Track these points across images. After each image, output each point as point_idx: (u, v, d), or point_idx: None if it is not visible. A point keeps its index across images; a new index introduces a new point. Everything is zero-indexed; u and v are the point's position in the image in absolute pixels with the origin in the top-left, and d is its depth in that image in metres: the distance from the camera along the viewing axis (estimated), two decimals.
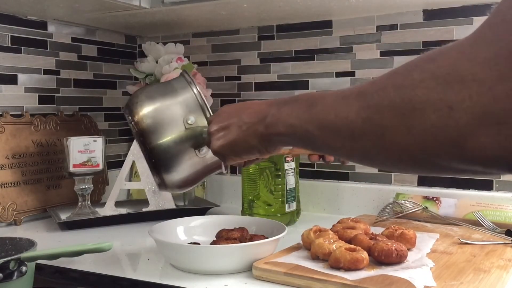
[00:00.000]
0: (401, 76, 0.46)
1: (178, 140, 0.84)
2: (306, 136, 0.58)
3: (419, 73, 0.44)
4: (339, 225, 1.01)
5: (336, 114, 0.52)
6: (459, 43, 0.43)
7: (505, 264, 0.86)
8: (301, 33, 1.43)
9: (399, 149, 0.46)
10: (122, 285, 0.86)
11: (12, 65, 1.31)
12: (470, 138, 0.40)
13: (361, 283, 0.75)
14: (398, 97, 0.45)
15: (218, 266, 0.86)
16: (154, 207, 1.29)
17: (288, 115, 0.61)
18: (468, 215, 1.13)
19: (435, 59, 0.43)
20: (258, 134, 0.68)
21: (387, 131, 0.46)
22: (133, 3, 1.21)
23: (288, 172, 1.21)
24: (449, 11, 1.25)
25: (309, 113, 0.57)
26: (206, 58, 1.58)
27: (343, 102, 0.52)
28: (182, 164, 0.85)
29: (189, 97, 0.87)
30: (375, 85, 0.49)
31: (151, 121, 0.84)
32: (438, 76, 0.42)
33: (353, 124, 0.50)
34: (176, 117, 0.85)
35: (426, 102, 0.42)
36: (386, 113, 0.46)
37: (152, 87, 0.92)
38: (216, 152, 0.75)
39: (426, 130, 0.43)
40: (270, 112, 0.65)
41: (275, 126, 0.64)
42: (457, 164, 0.43)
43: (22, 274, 0.68)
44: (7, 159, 1.26)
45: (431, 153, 0.44)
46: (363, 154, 0.52)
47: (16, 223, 1.26)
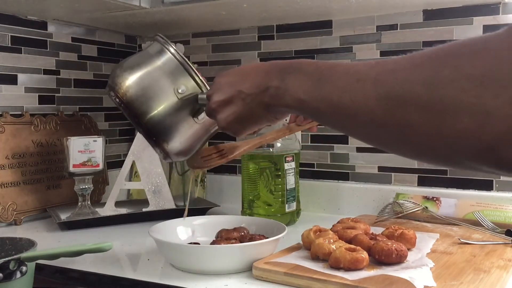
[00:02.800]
0: (428, 71, 0.43)
1: (173, 111, 0.81)
2: (317, 113, 0.55)
3: (450, 70, 0.41)
4: (339, 225, 1.01)
5: (352, 99, 0.49)
6: (493, 40, 0.40)
7: (505, 264, 0.86)
8: (301, 33, 1.43)
9: (425, 146, 0.44)
10: (122, 285, 0.86)
11: (12, 65, 1.31)
12: (506, 147, 0.39)
13: (361, 283, 0.75)
14: (426, 95, 0.42)
15: (218, 266, 0.86)
16: (154, 207, 1.29)
17: (296, 88, 0.58)
18: (468, 215, 1.13)
19: (466, 56, 0.41)
20: (264, 104, 0.65)
21: (412, 127, 0.44)
22: (133, 3, 1.21)
23: (288, 172, 1.21)
24: (449, 11, 1.25)
25: (320, 91, 0.54)
26: (206, 58, 1.58)
27: (358, 86, 0.49)
28: (182, 134, 0.82)
29: (168, 59, 0.83)
30: (397, 75, 0.46)
31: (135, 92, 0.80)
32: (472, 76, 0.39)
33: (373, 113, 0.47)
34: (164, 85, 0.81)
35: (459, 104, 0.40)
36: (411, 108, 0.43)
37: (128, 59, 0.86)
38: (225, 128, 0.72)
39: (458, 132, 0.41)
40: (272, 83, 0.62)
41: (282, 98, 0.60)
42: (488, 168, 0.42)
43: (22, 274, 0.68)
44: (7, 159, 1.26)
45: (462, 155, 0.42)
46: (382, 143, 0.50)
47: (16, 223, 1.26)
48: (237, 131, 0.72)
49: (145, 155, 1.30)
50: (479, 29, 1.22)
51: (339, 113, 0.52)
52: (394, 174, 1.33)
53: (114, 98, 0.83)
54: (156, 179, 1.30)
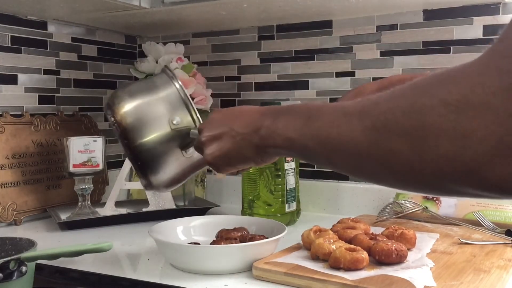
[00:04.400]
0: (409, 100, 0.45)
1: (164, 141, 0.82)
2: (306, 151, 0.57)
3: (428, 98, 0.42)
4: (339, 225, 1.01)
5: (339, 132, 0.51)
6: (466, 67, 0.42)
7: (505, 264, 0.86)
8: (301, 33, 1.43)
9: (410, 173, 0.45)
10: (122, 285, 0.86)
11: (12, 65, 1.31)
12: (486, 168, 0.40)
13: (361, 283, 0.75)
14: (407, 123, 0.44)
15: (218, 266, 0.86)
16: (154, 207, 1.29)
17: (285, 128, 0.60)
18: (468, 215, 1.13)
19: (443, 84, 0.42)
20: (253, 145, 0.66)
21: (395, 155, 0.45)
22: (133, 3, 1.21)
23: (288, 172, 1.21)
24: (449, 11, 1.25)
25: (308, 128, 0.55)
26: (206, 58, 1.58)
27: (345, 120, 0.51)
28: (168, 165, 0.82)
29: (172, 93, 0.84)
30: (380, 106, 0.47)
31: (133, 119, 0.81)
32: (449, 102, 0.41)
33: (359, 146, 0.49)
34: (160, 115, 0.82)
35: (438, 129, 0.41)
36: (394, 137, 0.45)
37: (133, 84, 0.88)
38: (210, 163, 0.73)
39: (440, 157, 0.42)
40: (264, 123, 0.64)
41: (271, 139, 0.62)
42: (473, 191, 0.43)
43: (22, 274, 0.68)
44: (7, 159, 1.26)
45: (445, 180, 0.43)
46: (369, 174, 0.51)
47: (16, 223, 1.26)
48: (221, 167, 0.73)
49: None
50: (479, 29, 1.22)
51: (326, 148, 0.53)
52: None
53: (110, 117, 0.83)
54: None
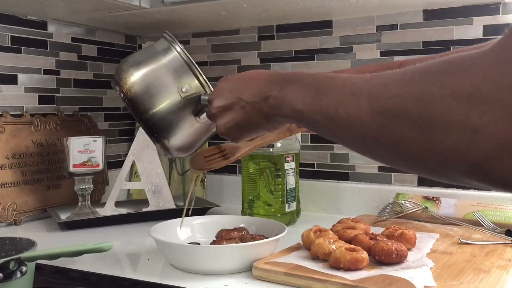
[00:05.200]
0: (418, 86, 0.44)
1: (175, 109, 0.82)
2: (314, 124, 0.57)
3: (438, 88, 0.42)
4: (339, 225, 1.01)
5: (347, 112, 0.51)
6: (479, 58, 0.41)
7: (505, 264, 0.86)
8: (301, 33, 1.43)
9: (416, 159, 0.45)
10: (122, 285, 0.86)
11: (12, 65, 1.31)
12: (493, 164, 0.40)
13: (361, 283, 0.75)
14: (416, 111, 0.43)
15: (218, 266, 0.86)
16: (154, 207, 1.29)
17: (293, 99, 0.59)
18: (468, 215, 1.13)
19: (454, 74, 0.42)
20: (263, 113, 0.66)
21: (404, 142, 0.45)
22: (133, 3, 1.21)
23: (288, 172, 1.21)
24: (449, 11, 1.25)
25: (317, 103, 0.55)
26: (206, 58, 1.58)
27: (353, 99, 0.50)
28: (183, 132, 0.83)
29: (174, 58, 0.84)
30: (389, 90, 0.47)
31: (141, 91, 0.81)
32: (459, 94, 0.41)
33: (367, 127, 0.48)
34: (167, 83, 0.82)
35: (448, 121, 0.41)
36: (403, 124, 0.45)
37: (135, 54, 0.88)
38: (224, 134, 0.73)
39: (447, 148, 0.42)
40: (272, 92, 0.63)
41: (280, 109, 0.62)
42: (477, 183, 0.43)
43: (22, 274, 0.68)
44: (7, 159, 1.26)
45: (451, 170, 0.43)
46: (376, 155, 0.51)
47: (16, 223, 1.26)
48: (235, 137, 0.74)
49: (145, 155, 1.30)
50: (479, 29, 1.22)
51: (335, 125, 0.53)
52: (394, 174, 1.33)
53: (119, 92, 0.83)
54: (156, 179, 1.30)
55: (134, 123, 1.64)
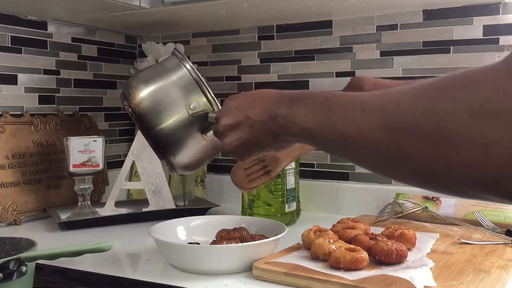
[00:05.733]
0: (429, 102, 0.44)
1: (183, 126, 0.82)
2: (325, 143, 0.56)
3: (449, 102, 0.42)
4: (339, 225, 1.01)
5: (358, 129, 0.50)
6: (490, 71, 0.41)
7: (505, 264, 0.86)
8: (301, 33, 1.43)
9: (430, 176, 0.45)
10: (122, 285, 0.86)
11: (12, 65, 1.31)
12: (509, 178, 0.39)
13: (361, 283, 0.75)
14: (428, 126, 0.43)
15: (218, 266, 0.86)
16: (154, 207, 1.29)
17: (302, 118, 0.59)
18: (468, 215, 1.13)
19: (466, 88, 0.41)
20: (270, 132, 0.65)
21: (416, 158, 0.45)
22: (133, 3, 1.21)
23: (288, 172, 1.21)
24: (449, 11, 1.25)
25: (328, 121, 0.55)
26: (206, 58, 1.58)
27: (364, 116, 0.50)
28: (189, 149, 0.83)
29: (183, 75, 0.84)
30: (400, 107, 0.46)
31: (149, 107, 0.81)
32: (471, 108, 0.40)
33: (378, 144, 0.48)
34: (176, 100, 0.82)
35: (461, 136, 0.40)
36: (415, 140, 0.44)
37: (145, 70, 0.88)
38: (231, 153, 0.73)
39: (461, 164, 0.41)
40: (280, 111, 0.62)
41: (289, 128, 0.61)
42: (497, 198, 0.42)
43: (22, 274, 0.68)
44: (7, 159, 1.26)
45: (468, 186, 0.43)
46: (389, 172, 0.51)
47: (16, 223, 1.26)
48: (242, 156, 0.73)
49: (145, 155, 1.30)
50: (479, 29, 1.22)
51: (345, 143, 0.53)
52: None
53: (127, 107, 0.84)
54: (156, 179, 1.30)
55: (134, 123, 1.64)
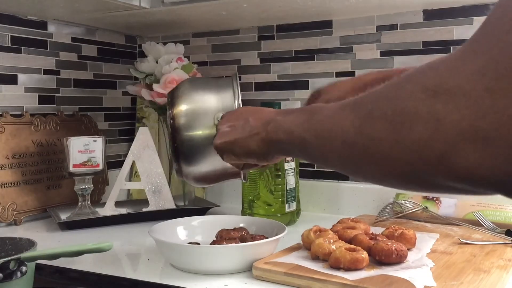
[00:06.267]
0: (394, 87, 0.46)
1: (205, 136, 0.84)
2: (303, 145, 0.58)
3: (411, 85, 0.43)
4: (339, 225, 1.01)
5: (333, 123, 0.52)
6: (449, 56, 0.43)
7: (505, 264, 0.86)
8: (301, 33, 1.43)
9: (388, 162, 0.46)
10: (122, 285, 0.86)
11: (12, 65, 1.31)
12: (455, 153, 0.39)
13: (361, 283, 0.75)
14: (390, 109, 0.44)
15: (218, 266, 0.86)
16: (154, 207, 1.29)
17: (290, 123, 0.62)
18: (468, 215, 1.13)
19: (425, 71, 0.43)
20: (259, 138, 0.68)
21: (377, 143, 0.46)
22: (133, 3, 1.21)
23: (288, 172, 1.21)
24: (449, 11, 1.25)
25: (309, 122, 0.57)
26: (206, 58, 1.58)
27: (340, 111, 0.52)
28: (203, 160, 0.84)
29: (227, 96, 0.87)
30: (370, 96, 0.49)
31: (187, 118, 0.84)
32: (427, 87, 0.42)
33: (346, 134, 0.50)
34: (209, 112, 0.85)
35: (415, 113, 0.42)
36: (377, 124, 0.46)
37: (199, 82, 0.92)
38: (216, 147, 0.75)
39: (413, 143, 0.42)
40: (275, 118, 0.66)
41: (276, 132, 0.64)
42: (444, 181, 0.42)
43: (22, 274, 0.68)
44: (7, 159, 1.26)
45: (418, 168, 0.43)
46: (354, 166, 0.51)
47: (16, 223, 1.26)
48: (225, 154, 0.76)
49: (145, 155, 1.30)
50: None
51: (321, 140, 0.55)
52: None
53: (168, 107, 0.87)
54: (156, 179, 1.30)
55: (134, 123, 1.64)
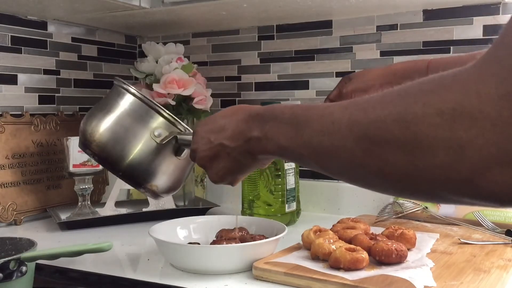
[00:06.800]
0: (398, 107, 0.43)
1: (154, 155, 0.80)
2: (301, 158, 0.57)
3: (420, 106, 0.41)
4: (339, 225, 1.01)
5: (331, 142, 0.50)
6: (460, 74, 0.41)
7: (505, 264, 0.86)
8: (301, 33, 1.43)
9: (405, 182, 0.45)
10: (122, 285, 0.86)
11: (12, 65, 1.31)
12: (484, 177, 0.39)
13: (361, 283, 0.75)
14: (400, 133, 0.43)
15: (218, 266, 0.86)
16: (154, 207, 1.29)
17: (275, 136, 0.60)
18: (468, 215, 1.13)
19: (435, 91, 0.41)
20: (249, 154, 0.67)
21: (390, 165, 0.44)
22: (133, 3, 1.21)
23: (288, 172, 1.21)
24: (449, 11, 1.25)
25: (301, 137, 0.55)
26: (206, 58, 1.58)
27: (334, 128, 0.50)
28: (167, 173, 0.82)
29: (133, 103, 0.81)
30: (369, 114, 0.46)
31: (111, 145, 0.80)
32: (442, 111, 0.40)
33: (353, 154, 0.48)
34: (137, 130, 0.80)
35: (433, 139, 0.40)
36: (387, 147, 0.44)
37: (95, 110, 0.84)
38: (219, 182, 0.74)
39: (435, 167, 0.41)
40: (252, 134, 0.64)
41: (265, 147, 0.62)
42: (469, 200, 0.42)
43: (22, 274, 0.68)
44: (7, 159, 1.26)
45: (441, 189, 0.42)
46: (365, 182, 0.50)
47: (16, 223, 1.26)
48: (232, 182, 0.75)
49: None
50: (479, 29, 1.22)
51: (321, 156, 0.53)
52: None
53: (88, 152, 0.83)
54: None
55: None
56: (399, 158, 0.43)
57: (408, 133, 0.42)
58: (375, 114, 0.46)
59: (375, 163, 0.46)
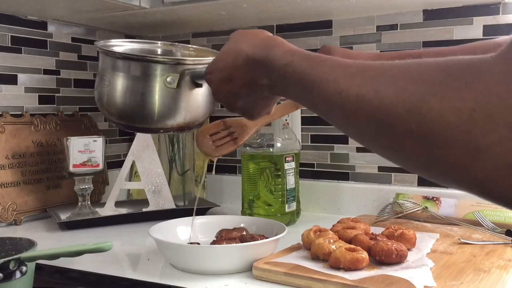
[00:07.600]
0: (414, 97, 0.41)
1: (178, 99, 0.80)
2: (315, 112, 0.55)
3: (438, 101, 0.39)
4: (339, 225, 1.01)
5: (341, 113, 0.49)
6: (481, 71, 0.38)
7: (505, 264, 0.86)
8: (301, 33, 1.43)
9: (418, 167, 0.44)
10: (122, 285, 0.86)
11: (12, 65, 1.31)
12: (496, 183, 0.38)
13: (361, 283, 0.75)
14: (415, 126, 0.41)
15: (218, 266, 0.86)
16: (154, 207, 1.29)
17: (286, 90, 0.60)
18: (468, 215, 1.13)
19: (455, 87, 0.39)
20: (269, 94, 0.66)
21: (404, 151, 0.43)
22: (133, 3, 1.21)
23: (288, 172, 1.21)
24: (449, 11, 1.25)
25: (310, 99, 0.54)
26: None
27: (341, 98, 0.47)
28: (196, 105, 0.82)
29: (130, 66, 0.80)
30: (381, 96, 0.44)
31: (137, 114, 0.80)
32: (461, 110, 0.38)
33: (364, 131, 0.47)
34: (150, 89, 0.79)
35: (449, 138, 0.39)
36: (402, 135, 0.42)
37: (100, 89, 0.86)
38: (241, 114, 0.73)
39: (449, 164, 0.40)
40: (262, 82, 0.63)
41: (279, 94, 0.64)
42: (479, 196, 0.42)
43: (22, 274, 0.68)
44: (7, 159, 1.26)
45: (453, 182, 0.42)
46: (376, 151, 0.49)
47: (16, 223, 1.26)
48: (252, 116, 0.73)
49: (145, 155, 1.30)
50: (479, 29, 1.22)
51: (332, 121, 0.52)
52: (394, 174, 1.33)
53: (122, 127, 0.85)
54: (156, 179, 1.30)
55: None
56: (413, 147, 0.42)
57: (423, 127, 0.40)
58: (388, 99, 0.43)
59: (388, 143, 0.45)
